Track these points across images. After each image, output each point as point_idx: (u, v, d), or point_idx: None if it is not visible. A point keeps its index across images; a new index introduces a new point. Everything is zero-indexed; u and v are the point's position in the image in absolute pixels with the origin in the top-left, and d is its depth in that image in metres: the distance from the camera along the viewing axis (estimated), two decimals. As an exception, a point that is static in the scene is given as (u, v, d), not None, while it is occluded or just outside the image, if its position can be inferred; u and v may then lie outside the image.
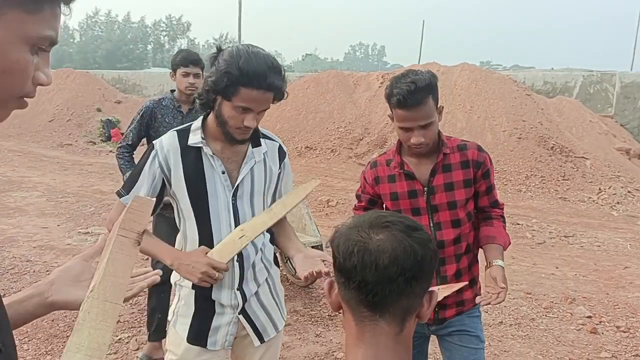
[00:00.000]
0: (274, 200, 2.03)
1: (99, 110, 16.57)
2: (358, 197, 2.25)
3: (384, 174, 2.11)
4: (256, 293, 1.96)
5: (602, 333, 4.15)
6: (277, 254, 1.96)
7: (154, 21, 70.60)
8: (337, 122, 12.53)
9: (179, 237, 1.97)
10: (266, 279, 1.99)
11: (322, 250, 4.73)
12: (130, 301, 4.54)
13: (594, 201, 8.64)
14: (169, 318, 2.02)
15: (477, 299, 1.95)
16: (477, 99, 11.54)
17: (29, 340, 3.81)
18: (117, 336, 3.95)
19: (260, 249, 1.96)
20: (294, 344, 3.89)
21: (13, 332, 0.94)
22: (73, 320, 4.17)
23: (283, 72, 1.76)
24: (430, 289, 1.66)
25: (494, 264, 1.99)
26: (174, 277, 1.98)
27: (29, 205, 8.01)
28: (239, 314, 1.93)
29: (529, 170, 9.58)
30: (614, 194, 8.72)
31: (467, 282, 2.07)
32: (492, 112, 11.05)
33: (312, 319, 4.34)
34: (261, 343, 1.98)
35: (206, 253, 1.79)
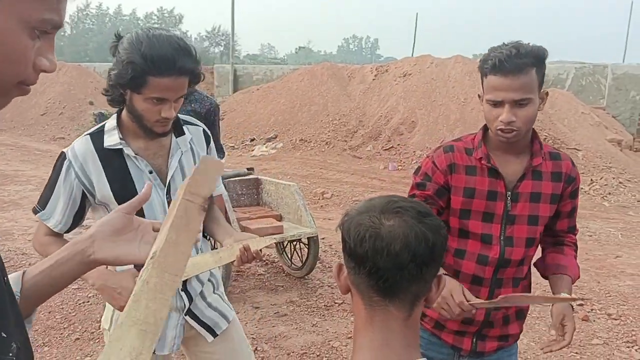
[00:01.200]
0: None
1: (91, 103, 16.49)
2: (420, 185, 1.77)
3: (462, 162, 1.72)
4: (201, 292, 1.88)
5: (594, 320, 4.21)
6: (274, 244, 1.93)
7: (146, 13, 70.09)
8: (332, 114, 12.54)
9: None
10: (209, 279, 1.91)
11: (317, 241, 4.76)
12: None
13: (585, 192, 8.72)
14: (106, 327, 1.85)
15: (543, 349, 1.67)
16: (471, 91, 11.58)
17: (26, 332, 3.82)
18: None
19: (200, 248, 1.85)
20: (291, 334, 3.93)
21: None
22: (69, 312, 4.19)
23: (194, 52, 1.59)
24: (505, 296, 1.64)
25: (561, 298, 1.66)
26: None
27: (23, 199, 7.99)
28: (185, 315, 1.84)
29: (522, 162, 9.65)
30: (605, 185, 8.81)
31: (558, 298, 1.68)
32: (486, 104, 11.09)
33: (309, 309, 4.37)
34: (214, 337, 1.90)
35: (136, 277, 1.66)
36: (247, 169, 5.49)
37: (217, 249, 1.88)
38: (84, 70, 18.34)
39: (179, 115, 1.78)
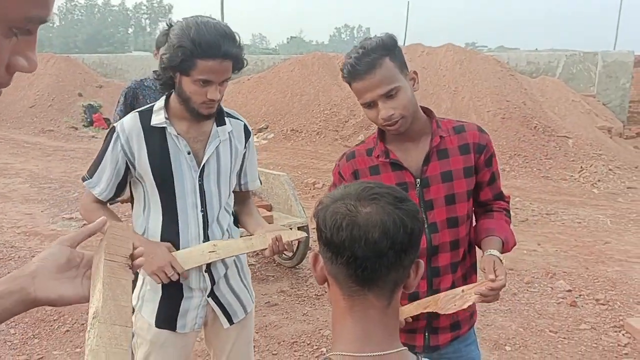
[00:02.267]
0: (238, 179, 2.01)
1: (80, 95, 16.33)
2: None
3: (364, 165, 1.72)
4: (225, 275, 1.95)
5: (582, 306, 4.26)
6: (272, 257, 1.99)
7: (135, 4, 69.47)
8: (323, 104, 12.50)
9: (139, 221, 1.90)
10: (234, 261, 1.98)
11: (308, 231, 4.76)
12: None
13: (575, 179, 8.77)
14: (133, 303, 1.95)
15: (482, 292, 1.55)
16: (462, 80, 11.58)
17: (15, 325, 3.81)
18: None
19: (227, 230, 1.93)
20: (282, 323, 3.95)
21: None
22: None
23: (238, 40, 1.71)
24: (430, 298, 1.62)
25: (485, 254, 1.64)
26: None
27: (12, 191, 7.93)
28: (208, 296, 1.92)
29: (512, 150, 9.67)
30: (595, 172, 8.85)
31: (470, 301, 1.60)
32: (477, 93, 11.10)
33: (299, 299, 4.39)
34: (230, 325, 1.98)
35: (171, 252, 1.76)
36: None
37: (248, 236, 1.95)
38: (72, 62, 18.14)
39: (224, 107, 1.91)
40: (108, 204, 1.95)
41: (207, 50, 1.62)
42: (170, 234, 1.82)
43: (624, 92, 13.66)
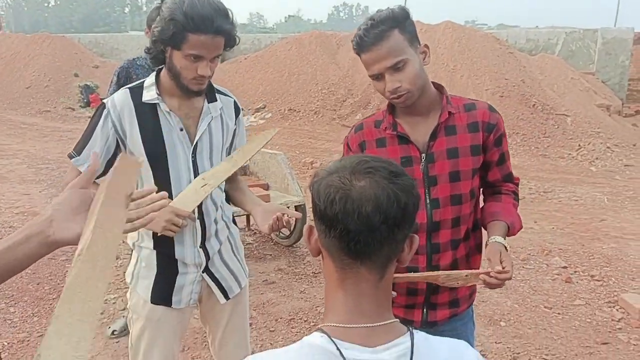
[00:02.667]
0: (228, 154, 2.00)
1: (76, 75, 16.23)
2: None
3: (371, 137, 1.72)
4: (219, 251, 1.95)
5: (577, 282, 4.29)
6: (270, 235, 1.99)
7: (131, -17, 68.61)
8: (320, 83, 12.44)
9: None
10: (227, 237, 1.99)
11: (305, 210, 4.78)
12: (116, 263, 4.58)
13: (573, 157, 8.78)
14: (128, 280, 1.97)
15: (483, 277, 1.55)
16: (460, 58, 11.50)
17: (15, 304, 3.84)
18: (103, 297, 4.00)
19: (220, 206, 1.94)
20: (279, 301, 3.98)
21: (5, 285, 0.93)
22: (58, 283, 4.21)
23: (231, 16, 1.70)
24: (435, 273, 1.62)
25: (489, 241, 1.61)
26: (131, 239, 1.94)
27: (10, 172, 7.94)
28: (203, 272, 1.93)
29: (510, 129, 9.65)
30: (593, 150, 8.85)
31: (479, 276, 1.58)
32: (475, 71, 11.04)
33: (297, 277, 4.42)
34: (226, 300, 1.99)
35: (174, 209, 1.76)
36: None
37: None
38: (68, 42, 17.97)
39: (214, 85, 1.90)
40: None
41: (199, 24, 1.60)
42: None
43: (623, 69, 13.58)
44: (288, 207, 4.89)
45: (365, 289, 0.91)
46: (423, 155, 1.66)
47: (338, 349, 0.88)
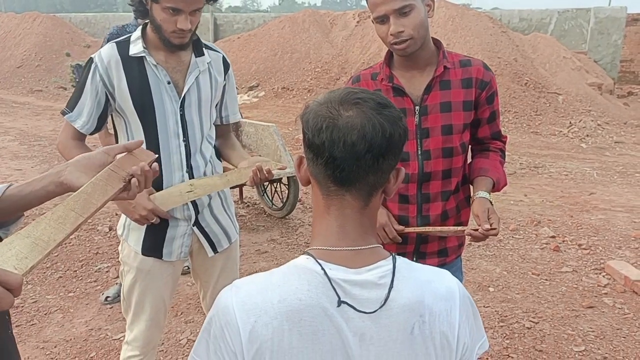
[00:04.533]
0: (219, 112, 2.02)
1: (68, 55, 16.09)
2: None
3: (368, 88, 1.87)
4: (209, 205, 1.97)
5: (565, 251, 4.36)
6: (254, 188, 1.97)
7: (122, -37, 67.64)
8: (314, 62, 12.40)
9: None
10: (217, 193, 1.99)
11: (297, 182, 4.81)
12: (109, 234, 4.61)
13: (564, 135, 8.83)
14: (119, 232, 2.00)
15: (467, 231, 1.63)
16: (454, 36, 11.48)
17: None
18: (96, 266, 4.04)
19: (210, 160, 1.94)
20: (272, 268, 4.02)
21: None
22: (52, 253, 4.23)
23: None
24: (425, 229, 1.67)
25: (476, 197, 1.68)
26: None
27: (2, 149, 7.92)
28: (193, 225, 1.94)
29: (503, 106, 9.68)
30: (584, 128, 8.90)
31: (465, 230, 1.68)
32: (468, 49, 11.02)
33: (289, 247, 4.47)
34: (215, 253, 2.01)
35: (150, 195, 1.77)
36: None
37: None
38: (59, 21, 17.77)
39: (203, 41, 1.90)
40: (86, 140, 1.93)
41: None
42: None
43: (616, 48, 13.60)
44: (281, 179, 4.93)
45: (349, 215, 0.95)
46: (417, 107, 1.69)
47: (323, 269, 0.92)
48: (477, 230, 1.60)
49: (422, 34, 1.63)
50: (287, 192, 4.98)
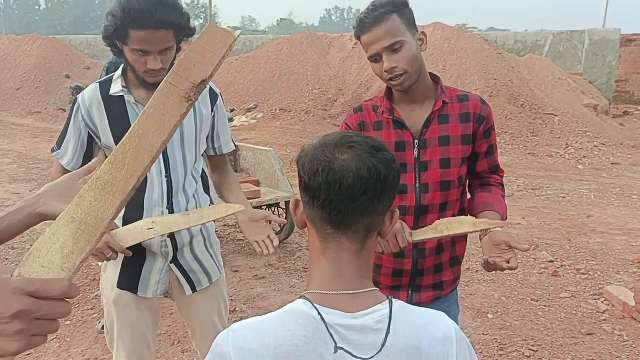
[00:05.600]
0: (212, 144, 1.99)
1: (67, 76, 16.18)
2: None
3: (370, 120, 1.79)
4: (190, 243, 1.92)
5: (563, 275, 4.35)
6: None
7: (122, -15, 68.38)
8: (312, 83, 12.48)
9: None
10: (201, 230, 1.95)
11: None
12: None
13: (561, 156, 8.87)
14: (100, 263, 1.96)
15: (488, 259, 1.60)
16: (450, 58, 11.59)
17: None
18: (93, 292, 4.01)
19: (193, 196, 1.90)
20: (269, 295, 4.01)
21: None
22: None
23: (178, 6, 1.64)
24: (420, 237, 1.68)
25: (492, 230, 1.65)
26: None
27: (0, 172, 7.91)
28: (171, 262, 1.90)
29: (500, 128, 9.74)
30: (580, 149, 8.95)
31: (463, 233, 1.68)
32: (465, 71, 11.13)
33: (287, 272, 4.45)
34: (193, 292, 1.96)
35: (112, 230, 1.73)
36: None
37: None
38: (59, 43, 17.91)
39: None
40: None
41: (136, 20, 1.57)
42: (136, 196, 1.77)
43: (611, 70, 13.74)
44: (278, 203, 4.93)
45: (346, 258, 0.96)
46: (416, 141, 1.72)
47: (319, 314, 0.92)
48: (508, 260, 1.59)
49: (416, 67, 1.66)
50: (284, 216, 4.98)
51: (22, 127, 12.36)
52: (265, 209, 5.24)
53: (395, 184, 0.96)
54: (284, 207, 4.96)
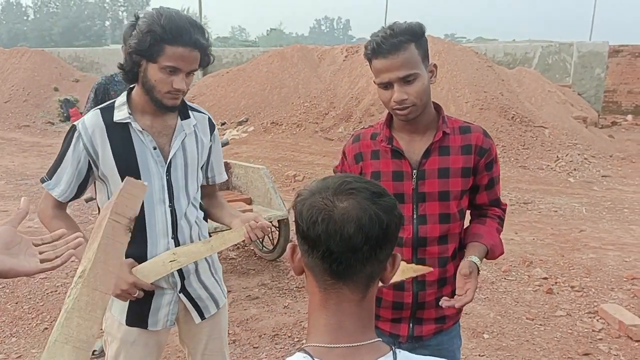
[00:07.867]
0: (205, 173, 1.99)
1: (56, 89, 16.07)
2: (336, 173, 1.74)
3: (367, 149, 1.75)
4: (195, 271, 1.92)
5: (558, 293, 4.34)
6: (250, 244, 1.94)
7: (112, -4, 68.31)
8: (303, 96, 12.48)
9: None
10: (205, 257, 1.93)
11: (288, 224, 4.76)
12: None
13: (552, 169, 8.90)
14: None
15: (442, 302, 1.58)
16: (440, 71, 11.63)
17: (-7, 324, 3.76)
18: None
19: (196, 222, 1.90)
20: (263, 316, 3.96)
21: None
22: (37, 302, 4.13)
23: (207, 34, 1.71)
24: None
25: (464, 260, 1.63)
26: None
27: (-13, 188, 7.80)
28: (180, 292, 1.89)
29: (490, 140, 9.78)
30: (571, 162, 9.00)
31: (430, 269, 1.67)
32: (455, 84, 11.18)
33: (280, 292, 4.40)
34: (202, 320, 1.96)
35: (132, 268, 1.72)
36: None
37: (210, 236, 1.94)
38: (47, 56, 17.80)
39: (187, 102, 1.88)
40: (68, 207, 1.88)
41: (177, 36, 1.61)
42: (138, 229, 1.76)
43: (599, 82, 13.88)
44: (271, 222, 4.88)
45: (347, 309, 0.92)
46: (414, 171, 1.69)
47: None
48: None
49: (425, 100, 1.64)
50: (277, 234, 4.94)
51: (10, 142, 12.23)
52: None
53: (397, 231, 0.93)
54: (277, 226, 4.92)
